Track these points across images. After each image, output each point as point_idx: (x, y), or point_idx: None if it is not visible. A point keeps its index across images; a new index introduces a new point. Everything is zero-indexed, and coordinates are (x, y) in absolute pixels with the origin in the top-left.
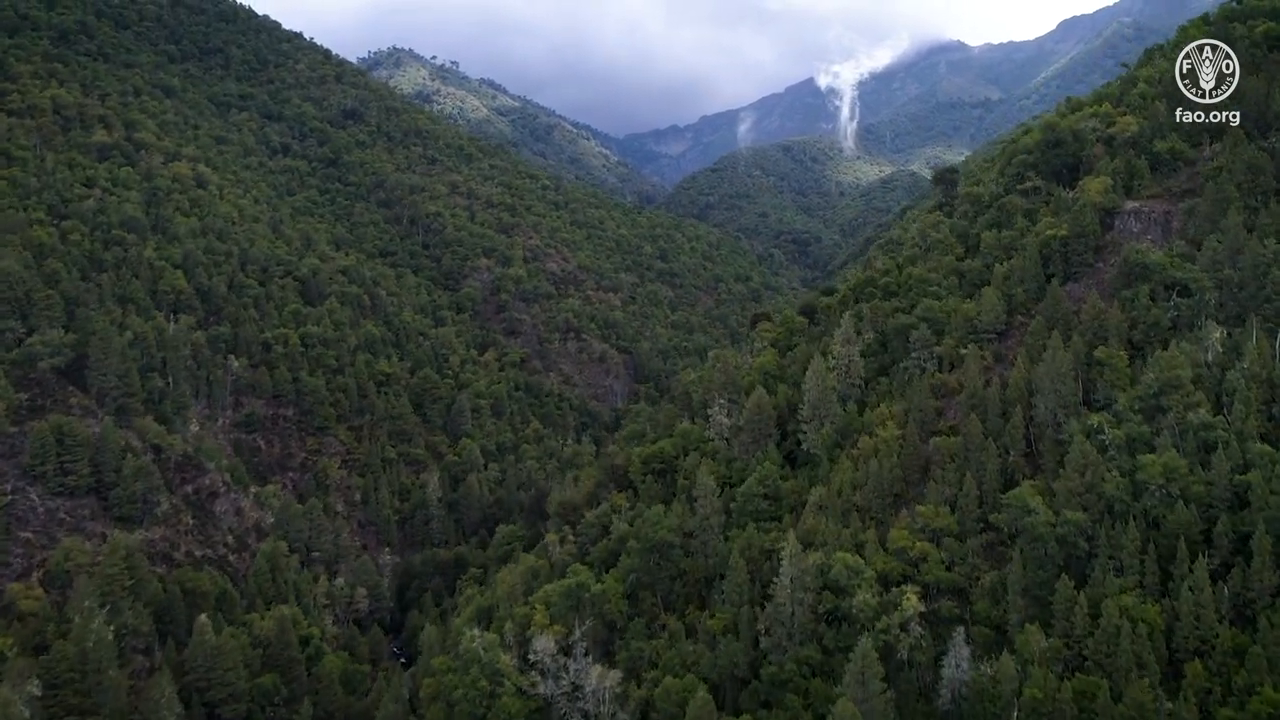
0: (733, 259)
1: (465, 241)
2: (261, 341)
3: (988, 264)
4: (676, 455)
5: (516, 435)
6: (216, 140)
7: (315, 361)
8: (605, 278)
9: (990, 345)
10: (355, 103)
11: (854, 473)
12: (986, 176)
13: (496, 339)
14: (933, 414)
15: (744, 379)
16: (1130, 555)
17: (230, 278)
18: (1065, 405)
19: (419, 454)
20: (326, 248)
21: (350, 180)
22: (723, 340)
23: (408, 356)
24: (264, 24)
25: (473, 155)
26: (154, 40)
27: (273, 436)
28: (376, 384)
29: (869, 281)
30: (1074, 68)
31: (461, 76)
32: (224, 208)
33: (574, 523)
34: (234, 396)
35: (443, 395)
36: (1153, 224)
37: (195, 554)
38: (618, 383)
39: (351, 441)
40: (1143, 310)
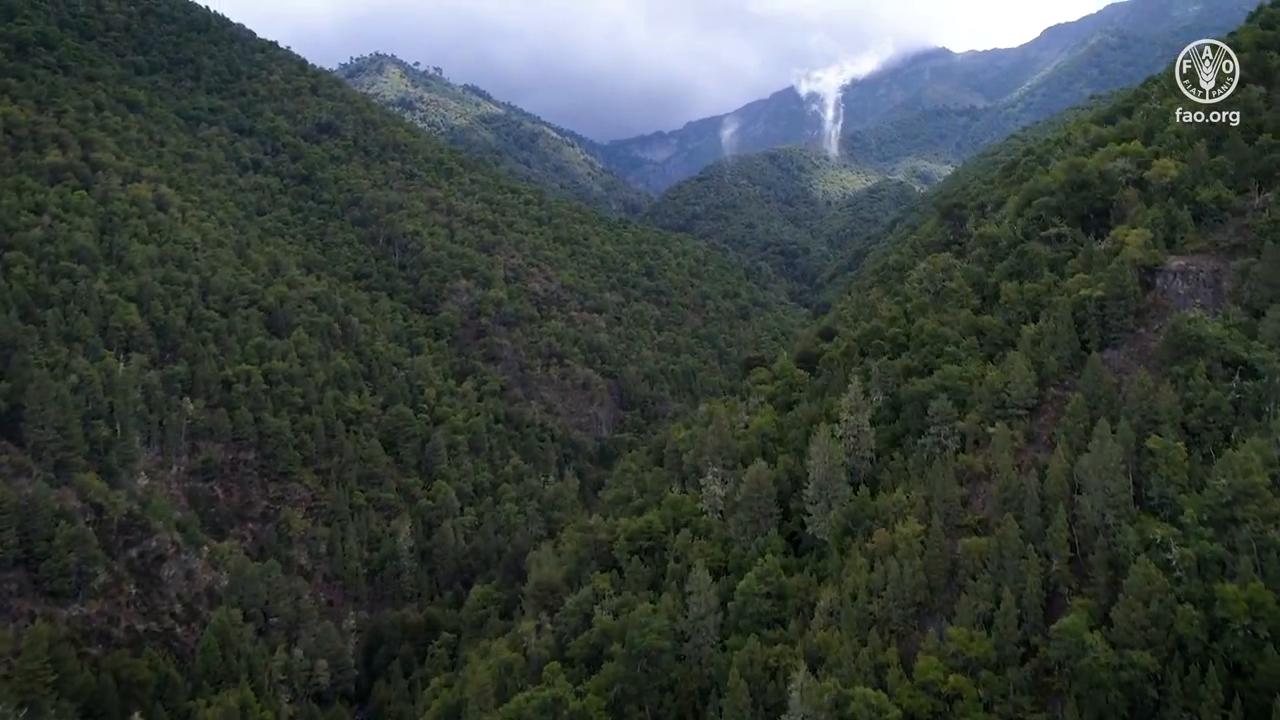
0: (720, 274)
1: (444, 262)
2: (221, 380)
3: (1010, 320)
4: (666, 530)
5: (495, 473)
6: (183, 157)
7: (280, 400)
8: (589, 297)
9: (1020, 422)
10: (331, 115)
11: (869, 574)
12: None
13: (476, 366)
14: (958, 504)
15: (740, 443)
16: (1211, 709)
17: (189, 310)
18: (1115, 505)
19: (390, 499)
20: (296, 272)
21: (324, 198)
22: (711, 361)
23: (380, 390)
24: (237, 33)
25: (453, 169)
26: (120, 51)
27: (231, 484)
28: (345, 423)
29: (875, 333)
30: (1059, 76)
31: (445, 83)
32: (185, 232)
33: (553, 608)
34: (190, 441)
35: (417, 433)
36: (1201, 285)
37: (137, 629)
38: (602, 410)
39: (317, 487)
40: (1199, 391)
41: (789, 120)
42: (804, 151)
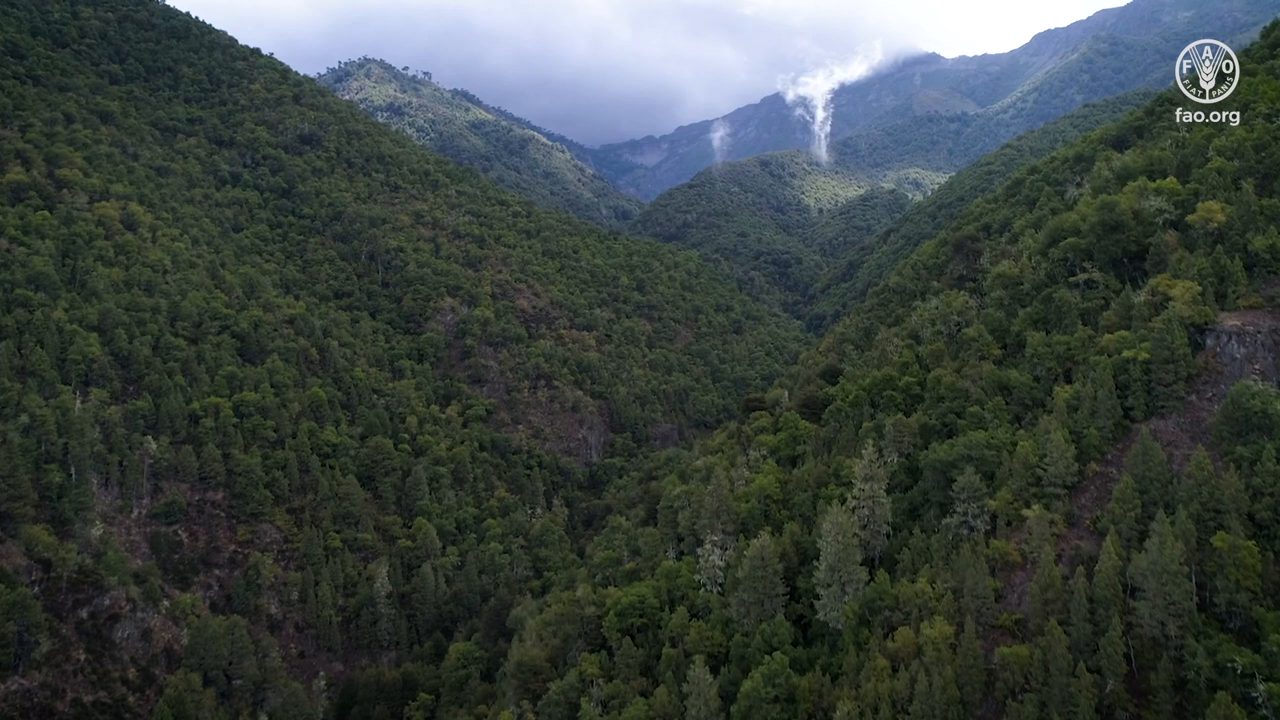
0: (712, 287)
1: (428, 279)
2: (188, 414)
3: (1038, 377)
4: (660, 606)
5: (479, 506)
6: (157, 171)
7: (251, 434)
8: (579, 314)
9: (1059, 503)
10: (313, 126)
11: (893, 680)
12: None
13: (461, 389)
14: (991, 599)
15: (741, 505)
16: None
17: (156, 339)
18: (1178, 614)
19: (367, 539)
20: (273, 294)
21: (304, 212)
22: (704, 379)
23: (359, 420)
24: (218, 40)
25: (439, 181)
26: (96, 60)
27: (197, 527)
28: (321, 457)
29: (886, 382)
30: (1050, 82)
31: (434, 88)
32: (154, 254)
33: (536, 693)
34: (152, 482)
35: (396, 466)
36: (1260, 348)
37: (85, 700)
38: (592, 434)
39: (290, 527)
40: (1267, 478)
41: (780, 125)
42: (795, 158)
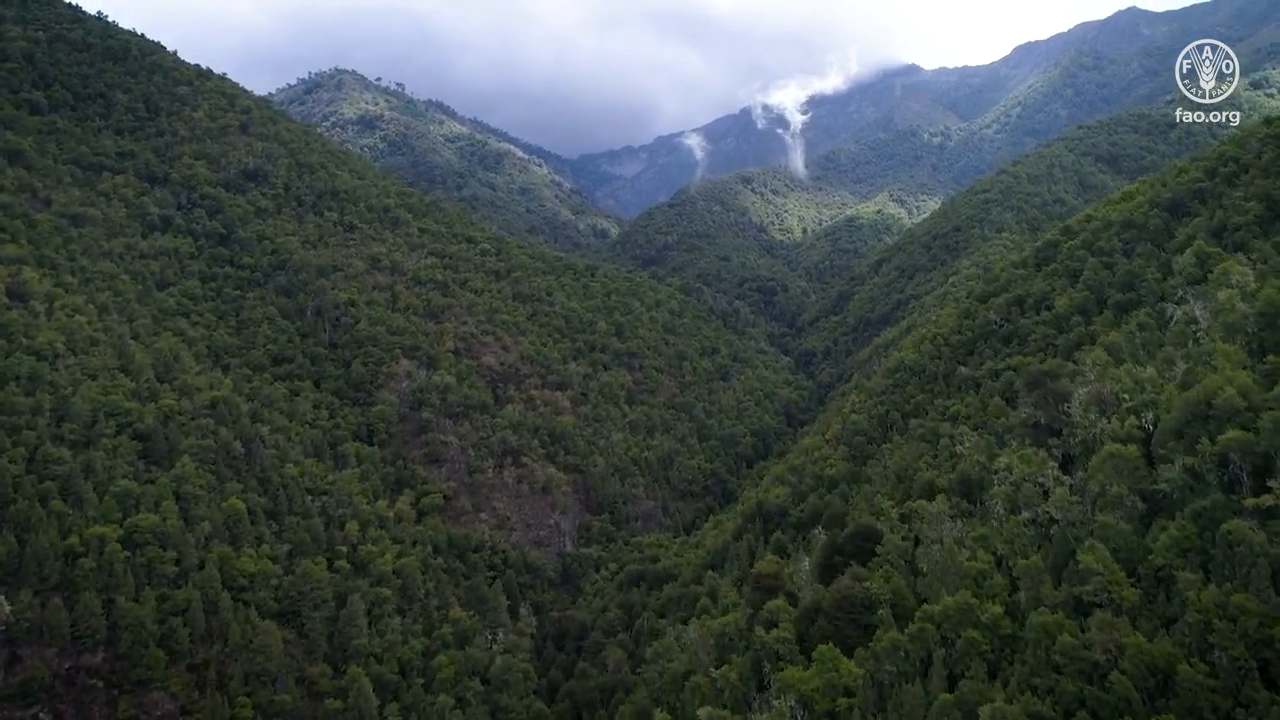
0: (696, 327)
1: (381, 339)
2: (63, 552)
3: (1212, 661)
4: None
5: (430, 636)
6: (70, 220)
7: (144, 570)
8: (552, 370)
9: None
10: (260, 159)
11: None
12: (1127, 407)
13: (415, 472)
14: None
15: None
16: None
17: (32, 451)
18: None
19: (286, 703)
20: (194, 371)
21: (244, 262)
22: (689, 439)
23: (287, 534)
24: (160, 62)
25: (400, 218)
26: (16, 87)
27: (65, 706)
28: (235, 592)
29: (963, 613)
30: (1033, 97)
31: (408, 99)
32: (44, 335)
33: None
34: (8, 651)
35: (329, 597)
36: None
37: None
38: (565, 518)
39: (189, 694)
40: None
41: (759, 136)
42: (777, 175)
